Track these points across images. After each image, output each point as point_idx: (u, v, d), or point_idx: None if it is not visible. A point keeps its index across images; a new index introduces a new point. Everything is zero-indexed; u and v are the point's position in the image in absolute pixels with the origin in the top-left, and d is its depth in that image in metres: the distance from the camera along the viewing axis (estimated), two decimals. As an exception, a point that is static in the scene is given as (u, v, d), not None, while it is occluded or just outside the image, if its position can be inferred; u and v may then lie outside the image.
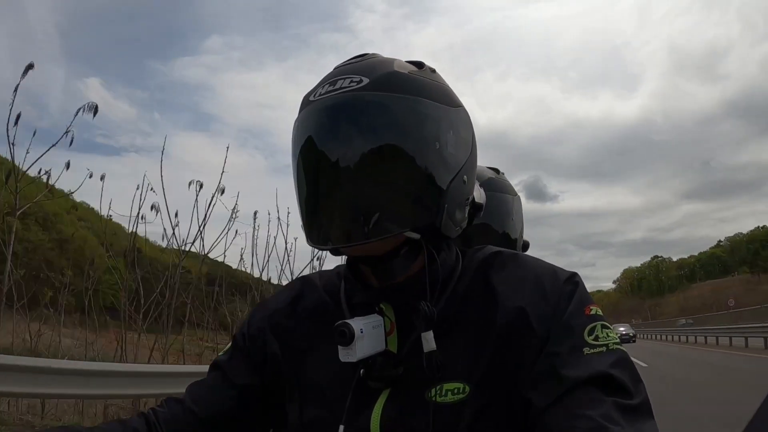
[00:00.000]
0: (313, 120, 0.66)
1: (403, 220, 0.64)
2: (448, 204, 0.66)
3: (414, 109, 0.64)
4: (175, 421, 0.73)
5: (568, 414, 0.55)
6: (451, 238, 0.71)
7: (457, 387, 0.63)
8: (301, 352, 0.74)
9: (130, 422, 0.71)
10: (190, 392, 0.77)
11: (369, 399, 0.66)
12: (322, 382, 0.70)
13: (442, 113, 0.67)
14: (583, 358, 0.59)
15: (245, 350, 0.78)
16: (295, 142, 0.68)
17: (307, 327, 0.75)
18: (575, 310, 0.63)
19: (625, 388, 0.57)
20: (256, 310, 0.83)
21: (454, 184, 0.66)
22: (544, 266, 0.70)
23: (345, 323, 0.63)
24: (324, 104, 0.65)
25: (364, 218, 0.62)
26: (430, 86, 0.67)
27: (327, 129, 0.65)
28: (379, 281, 0.70)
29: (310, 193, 0.67)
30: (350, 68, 0.68)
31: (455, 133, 0.68)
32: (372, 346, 0.65)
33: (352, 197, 0.63)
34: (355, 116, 0.64)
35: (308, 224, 0.67)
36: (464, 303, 0.68)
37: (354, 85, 0.65)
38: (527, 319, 0.63)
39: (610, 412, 0.54)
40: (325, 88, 0.67)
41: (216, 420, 0.74)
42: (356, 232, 0.63)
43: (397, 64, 0.68)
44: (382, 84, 0.64)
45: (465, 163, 0.69)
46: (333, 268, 0.82)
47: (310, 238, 0.67)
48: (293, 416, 0.72)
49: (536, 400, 0.59)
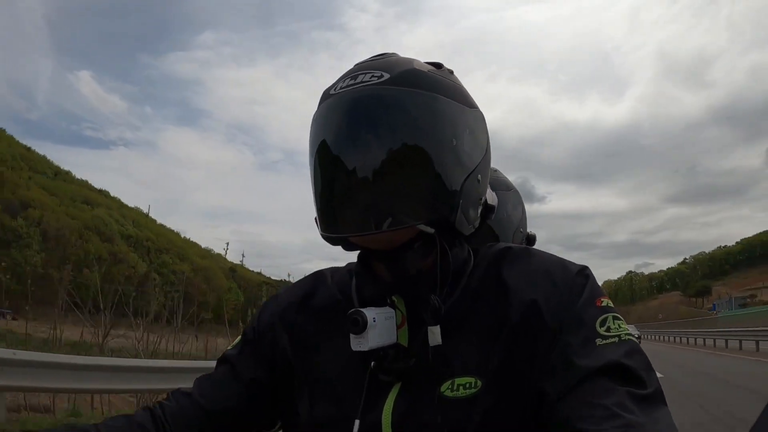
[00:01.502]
0: (334, 112, 0.67)
1: (418, 213, 0.64)
2: (463, 201, 0.67)
3: (432, 106, 0.65)
4: (183, 414, 0.72)
5: (583, 403, 0.56)
6: (464, 236, 0.71)
7: (469, 382, 0.63)
8: (311, 348, 0.74)
9: (136, 417, 0.71)
10: (199, 386, 0.76)
11: (380, 393, 0.66)
12: (333, 377, 0.70)
13: (459, 112, 0.68)
14: (596, 349, 0.60)
15: (255, 344, 0.78)
16: (314, 134, 0.69)
17: (318, 322, 0.75)
18: (587, 302, 0.64)
19: (638, 377, 0.58)
20: (266, 305, 0.83)
21: (468, 182, 0.67)
22: (554, 260, 0.70)
23: (358, 311, 0.63)
24: (345, 97, 0.66)
25: (379, 208, 0.63)
26: (449, 85, 0.69)
27: (347, 121, 0.65)
28: (391, 275, 0.70)
29: (327, 183, 0.67)
30: (371, 64, 0.69)
31: (471, 133, 0.69)
32: (384, 336, 0.65)
33: (369, 189, 0.64)
34: (376, 110, 0.65)
35: (323, 213, 0.68)
36: (476, 298, 0.68)
37: (375, 79, 0.66)
38: (539, 312, 0.63)
39: (624, 401, 0.55)
40: (346, 82, 0.67)
41: (224, 414, 0.73)
42: (371, 222, 0.63)
43: (416, 63, 0.69)
44: (403, 80, 0.65)
45: (480, 163, 0.70)
46: (344, 266, 0.82)
47: (323, 227, 0.68)
48: (303, 412, 0.71)
49: (550, 390, 0.59)
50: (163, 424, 0.71)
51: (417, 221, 0.64)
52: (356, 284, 0.75)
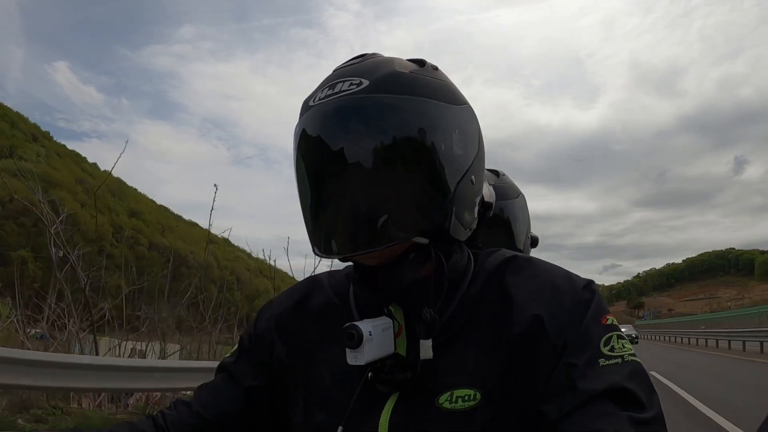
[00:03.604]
0: (313, 126, 0.64)
1: (410, 226, 0.63)
2: (456, 206, 0.65)
3: (416, 111, 0.63)
4: (183, 423, 0.72)
5: (582, 428, 0.55)
6: (465, 240, 0.70)
7: (468, 394, 0.62)
8: (307, 354, 0.73)
9: (138, 424, 0.72)
10: (198, 394, 0.76)
11: (377, 403, 0.65)
12: (329, 384, 0.69)
13: (446, 112, 0.65)
14: (599, 370, 0.59)
15: (252, 351, 0.77)
16: (295, 149, 0.67)
17: (315, 328, 0.74)
18: (592, 320, 0.63)
19: (640, 401, 0.57)
20: (263, 311, 0.81)
21: (461, 185, 0.65)
22: (560, 272, 0.68)
23: (353, 325, 0.62)
24: (323, 109, 0.64)
25: (369, 225, 0.61)
26: (433, 85, 0.66)
27: (327, 135, 0.63)
28: (386, 286, 0.68)
29: (313, 201, 0.65)
30: (349, 70, 0.66)
31: (461, 131, 0.66)
32: (381, 349, 0.63)
33: (356, 204, 0.62)
34: (355, 121, 0.62)
35: (313, 232, 0.66)
36: (477, 306, 0.67)
37: (354, 88, 0.63)
38: (543, 327, 0.62)
39: (625, 427, 0.54)
40: (324, 92, 0.65)
41: (223, 422, 0.72)
42: (362, 240, 0.62)
43: (397, 63, 0.66)
44: (382, 86, 0.63)
45: (472, 163, 0.68)
46: (342, 269, 0.80)
47: (315, 247, 0.66)
48: (298, 419, 0.70)
49: (550, 411, 0.58)
50: (165, 431, 0.72)
51: (410, 235, 0.63)
52: (353, 291, 0.74)
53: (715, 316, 46.81)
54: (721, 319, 36.79)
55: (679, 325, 44.98)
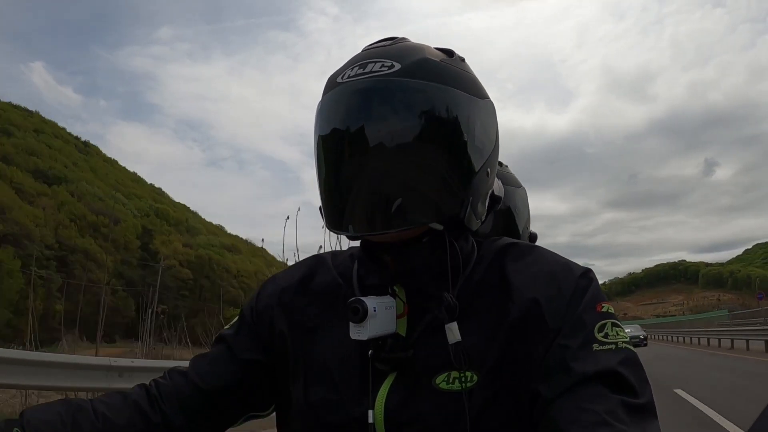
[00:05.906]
0: (342, 103, 0.65)
1: (429, 210, 0.64)
2: (473, 196, 0.66)
3: (444, 99, 0.64)
4: (177, 392, 0.71)
5: (574, 407, 0.56)
6: (472, 230, 0.71)
7: (466, 375, 0.63)
8: (309, 331, 0.73)
9: (132, 394, 0.71)
10: (194, 365, 0.75)
11: (375, 381, 0.65)
12: (330, 362, 0.69)
13: (471, 104, 0.66)
14: (593, 354, 0.59)
15: (252, 325, 0.76)
16: (320, 124, 0.67)
17: (318, 306, 0.74)
18: (588, 306, 0.63)
19: (632, 387, 0.57)
20: (265, 285, 0.81)
21: (479, 176, 0.67)
22: (559, 260, 0.70)
23: (359, 300, 0.62)
24: (354, 87, 0.64)
25: (388, 206, 0.62)
26: (460, 76, 0.67)
27: (356, 113, 0.63)
28: (396, 266, 0.69)
29: (333, 176, 0.66)
30: (381, 51, 0.66)
31: (482, 125, 0.68)
32: (383, 326, 0.64)
33: (378, 184, 0.63)
34: (386, 102, 0.63)
35: (329, 208, 0.66)
36: (478, 292, 0.68)
37: (385, 69, 0.63)
38: (540, 311, 0.63)
39: (616, 410, 0.55)
40: (354, 71, 0.65)
41: (218, 393, 0.72)
42: (380, 220, 0.63)
43: (428, 51, 0.67)
44: (414, 71, 0.63)
45: (490, 156, 0.69)
46: (347, 249, 0.81)
47: (329, 223, 0.66)
48: (298, 395, 0.70)
49: (543, 392, 0.59)
50: (158, 401, 0.70)
51: (428, 220, 0.64)
52: (358, 270, 0.75)
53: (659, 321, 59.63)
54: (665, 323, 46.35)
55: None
